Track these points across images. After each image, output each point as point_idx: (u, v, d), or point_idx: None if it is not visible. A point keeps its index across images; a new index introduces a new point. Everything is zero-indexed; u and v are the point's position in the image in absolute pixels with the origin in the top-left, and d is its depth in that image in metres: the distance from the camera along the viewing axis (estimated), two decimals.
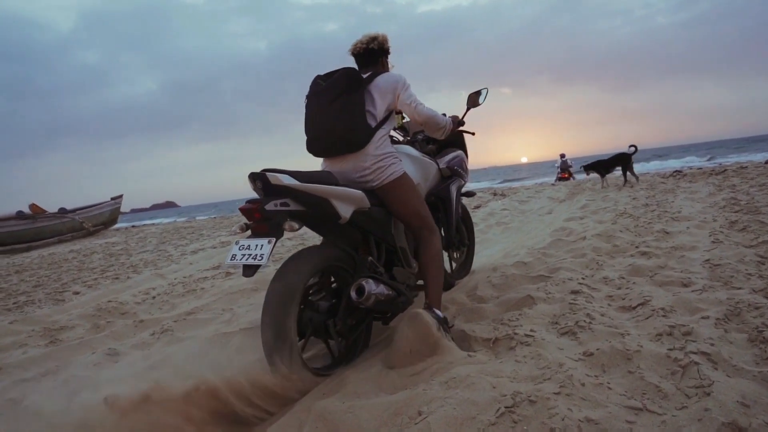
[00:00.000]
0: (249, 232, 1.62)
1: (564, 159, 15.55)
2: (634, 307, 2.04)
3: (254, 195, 1.62)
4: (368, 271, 1.83)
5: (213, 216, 17.71)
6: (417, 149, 2.35)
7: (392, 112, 1.97)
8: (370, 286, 1.69)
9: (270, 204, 1.53)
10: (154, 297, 3.77)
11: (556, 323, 1.90)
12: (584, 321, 1.83)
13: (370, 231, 1.89)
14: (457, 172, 2.53)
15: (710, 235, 3.39)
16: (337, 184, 1.72)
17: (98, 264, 6.38)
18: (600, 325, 1.79)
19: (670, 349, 1.49)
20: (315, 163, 2.11)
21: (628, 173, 8.92)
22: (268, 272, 4.15)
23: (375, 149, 1.84)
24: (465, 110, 2.40)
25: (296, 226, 1.58)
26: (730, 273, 2.37)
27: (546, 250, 3.49)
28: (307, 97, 1.93)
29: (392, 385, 1.57)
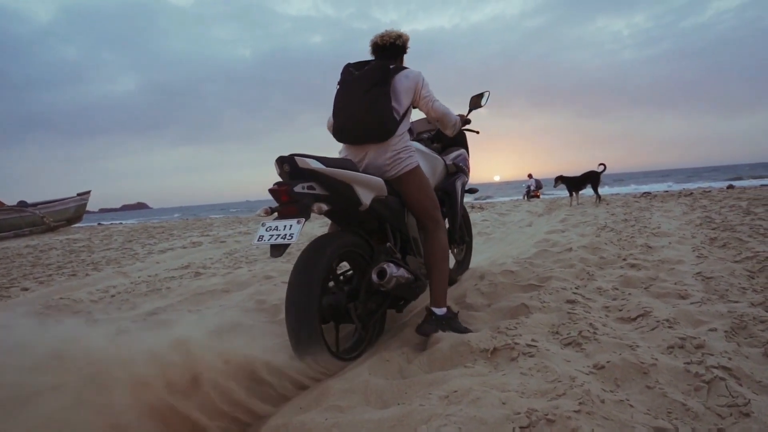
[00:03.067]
0: (275, 215, 1.62)
1: (535, 180, 15.66)
2: (635, 318, 1.93)
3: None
4: (386, 256, 1.86)
5: (183, 217, 17.02)
6: (424, 146, 2.42)
7: (410, 108, 2.01)
8: (392, 269, 1.74)
9: (298, 186, 1.55)
10: (113, 295, 3.44)
11: (557, 333, 1.76)
12: (588, 331, 1.70)
13: (386, 219, 1.91)
14: (461, 168, 2.60)
15: (693, 251, 3.37)
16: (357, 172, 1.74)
17: (55, 260, 5.90)
18: (605, 336, 1.66)
19: (687, 363, 1.37)
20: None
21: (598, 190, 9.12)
22: (240, 273, 3.89)
23: (396, 142, 1.89)
24: (468, 110, 2.54)
25: (324, 207, 1.60)
26: (725, 286, 2.32)
27: (532, 260, 3.39)
28: (339, 84, 1.96)
29: (381, 399, 1.39)
